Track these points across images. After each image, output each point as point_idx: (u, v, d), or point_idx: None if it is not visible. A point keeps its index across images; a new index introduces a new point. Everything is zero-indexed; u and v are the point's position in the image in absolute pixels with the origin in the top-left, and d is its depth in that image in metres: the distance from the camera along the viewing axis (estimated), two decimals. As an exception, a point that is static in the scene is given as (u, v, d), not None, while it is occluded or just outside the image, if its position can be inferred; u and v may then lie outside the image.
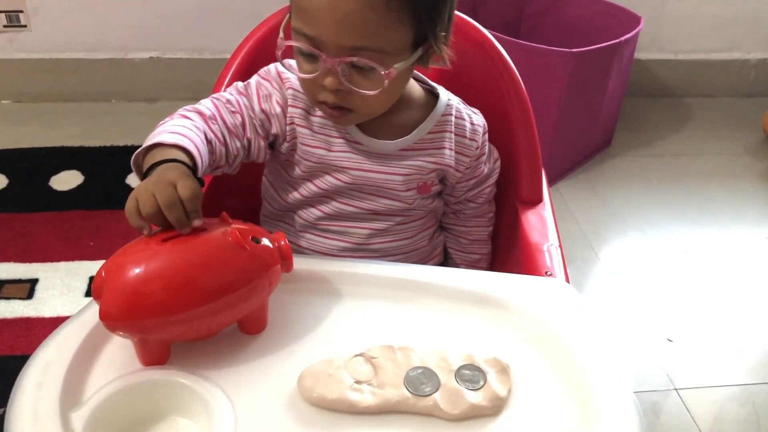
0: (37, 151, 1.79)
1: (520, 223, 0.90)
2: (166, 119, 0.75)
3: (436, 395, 0.61)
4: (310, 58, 0.74)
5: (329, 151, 0.83)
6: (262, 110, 0.82)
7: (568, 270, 1.58)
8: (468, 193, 0.93)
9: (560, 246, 0.87)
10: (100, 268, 0.60)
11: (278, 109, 0.82)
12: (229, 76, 0.96)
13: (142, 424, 0.59)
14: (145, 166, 0.69)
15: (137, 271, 0.59)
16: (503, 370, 0.64)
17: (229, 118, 0.79)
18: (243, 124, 0.80)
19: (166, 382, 0.60)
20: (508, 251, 0.96)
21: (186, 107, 0.78)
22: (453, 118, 0.87)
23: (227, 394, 0.60)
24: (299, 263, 0.68)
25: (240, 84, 0.83)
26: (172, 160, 0.67)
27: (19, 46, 1.93)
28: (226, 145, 0.78)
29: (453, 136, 0.87)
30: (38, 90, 1.98)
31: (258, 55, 0.97)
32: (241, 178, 1.00)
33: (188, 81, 2.01)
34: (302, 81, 0.78)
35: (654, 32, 2.15)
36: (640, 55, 2.14)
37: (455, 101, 0.89)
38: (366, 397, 0.60)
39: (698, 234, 1.73)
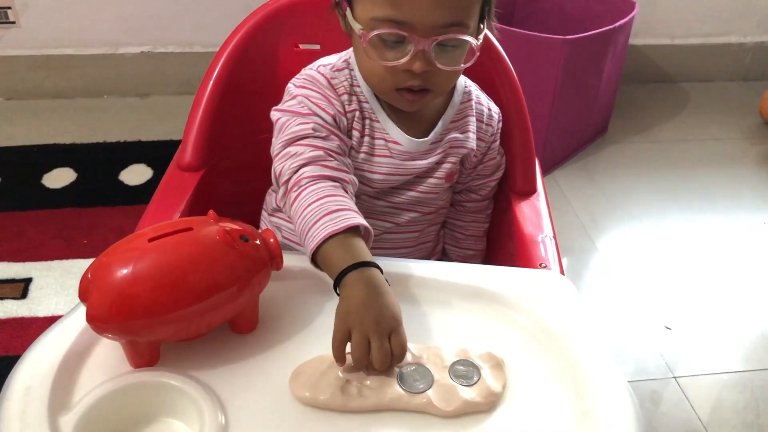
0: (29, 149, 1.78)
1: (514, 215, 0.89)
2: (299, 196, 0.72)
3: (429, 392, 0.60)
4: (396, 45, 0.74)
5: (371, 155, 0.83)
6: (333, 117, 0.80)
7: (565, 258, 1.58)
8: (473, 183, 0.93)
9: (555, 237, 0.86)
10: (87, 270, 0.60)
11: (343, 119, 0.81)
12: (217, 68, 0.95)
13: (132, 426, 0.58)
14: (334, 260, 0.66)
15: (124, 271, 0.58)
16: (497, 365, 0.63)
17: (330, 145, 0.77)
18: (338, 138, 0.79)
19: (156, 383, 0.59)
20: (502, 243, 0.96)
21: (298, 164, 0.75)
22: (473, 104, 0.88)
23: (218, 394, 0.59)
24: (289, 261, 0.67)
25: (294, 106, 0.80)
26: (366, 264, 0.65)
27: (8, 42, 1.92)
28: (350, 167, 0.78)
29: (474, 120, 0.88)
30: (29, 87, 1.97)
31: (246, 47, 0.96)
32: (243, 162, 1.00)
33: (180, 75, 2.00)
34: (383, 71, 0.76)
35: (649, 17, 2.13)
36: (636, 40, 2.13)
37: (473, 86, 0.90)
38: (358, 396, 0.59)
39: (696, 220, 1.72)
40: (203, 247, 0.60)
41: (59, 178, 1.68)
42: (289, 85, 0.83)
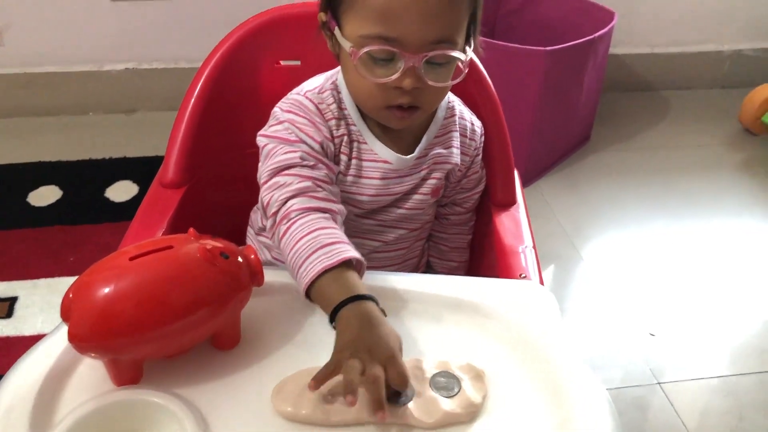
0: (14, 167, 1.78)
1: (494, 226, 0.90)
2: (288, 230, 0.72)
3: (410, 404, 0.60)
4: (386, 62, 0.74)
5: (359, 177, 0.83)
6: (320, 143, 0.80)
7: (550, 267, 1.59)
8: (457, 196, 0.94)
9: (534, 247, 0.87)
10: (68, 289, 0.60)
11: (331, 145, 0.81)
12: (199, 85, 0.96)
13: (115, 444, 0.59)
14: (329, 295, 0.66)
15: (105, 290, 0.58)
16: (478, 376, 0.64)
17: (317, 174, 0.77)
18: (326, 166, 0.79)
19: (139, 401, 0.60)
20: (483, 254, 0.97)
21: (285, 196, 0.74)
22: (457, 119, 0.89)
23: (201, 410, 0.60)
24: (270, 276, 0.68)
25: (281, 132, 0.79)
26: (361, 298, 0.65)
27: (-7, 61, 1.92)
28: (338, 195, 0.79)
29: (458, 135, 0.88)
30: (13, 105, 1.97)
31: (228, 62, 0.97)
32: (229, 175, 1.00)
33: (165, 91, 2.00)
34: (373, 88, 0.76)
35: (628, 27, 2.16)
36: (616, 50, 2.15)
37: (456, 102, 0.90)
38: (340, 410, 0.60)
39: (679, 226, 1.74)
40: (184, 264, 0.61)
41: (45, 195, 1.68)
42: (276, 108, 0.83)
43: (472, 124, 0.91)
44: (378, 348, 0.61)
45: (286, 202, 0.74)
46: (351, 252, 0.69)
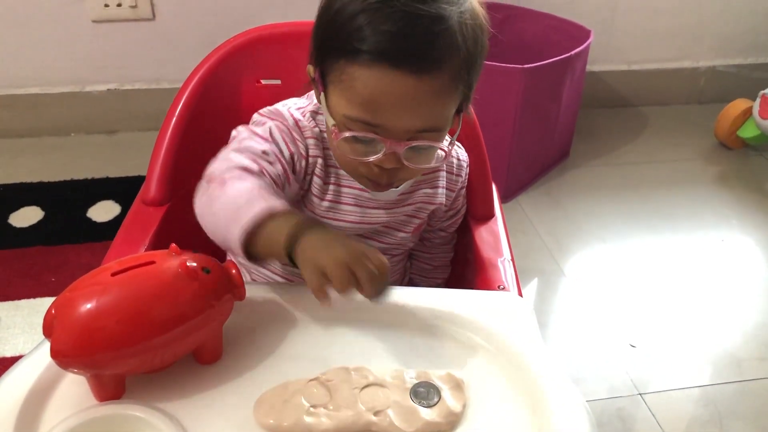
0: (-5, 188, 1.77)
1: (473, 239, 0.91)
2: (225, 186, 0.70)
3: (391, 413, 0.61)
4: (368, 142, 0.73)
5: (337, 203, 0.83)
6: (291, 155, 0.79)
7: (532, 281, 1.61)
8: (443, 223, 0.95)
9: (513, 260, 0.88)
10: (51, 305, 0.61)
11: (303, 163, 0.80)
12: (180, 104, 0.97)
13: (98, 459, 0.59)
14: (271, 233, 0.65)
15: (88, 306, 0.59)
16: (457, 386, 0.65)
17: (272, 170, 0.75)
18: (284, 172, 0.77)
19: (121, 416, 0.60)
20: (461, 267, 0.98)
21: (229, 166, 0.72)
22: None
23: (184, 424, 0.60)
24: (251, 291, 0.69)
25: (259, 130, 0.79)
26: (314, 222, 0.65)
27: (-26, 83, 1.92)
28: (280, 196, 0.75)
29: (445, 174, 0.89)
30: (-5, 126, 1.97)
31: (209, 82, 0.98)
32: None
33: (147, 111, 2.01)
34: (351, 159, 0.76)
35: (605, 44, 2.20)
36: (594, 67, 2.19)
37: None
38: (322, 421, 0.61)
39: (657, 240, 1.77)
40: (166, 279, 0.61)
41: (26, 216, 1.68)
42: (256, 114, 0.82)
43: (459, 159, 0.91)
44: (351, 245, 0.61)
45: (226, 171, 0.71)
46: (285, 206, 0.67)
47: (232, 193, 0.69)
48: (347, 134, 0.73)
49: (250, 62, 1.01)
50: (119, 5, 1.88)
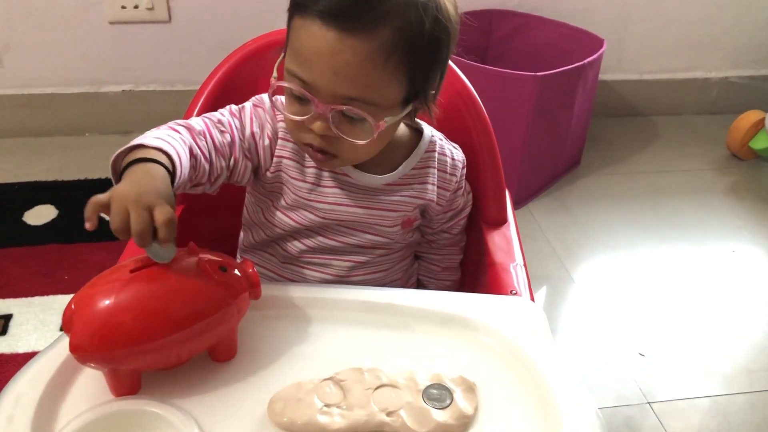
0: (11, 187, 1.79)
1: (486, 244, 0.92)
2: (153, 129, 0.75)
3: (403, 414, 0.62)
4: (301, 100, 0.75)
5: (317, 185, 0.84)
6: (252, 135, 0.81)
7: (542, 288, 1.61)
8: (445, 224, 0.95)
9: (525, 265, 0.89)
10: (70, 301, 0.62)
11: (267, 141, 0.82)
12: (198, 107, 0.98)
13: (114, 454, 0.60)
14: (124, 164, 0.68)
15: (107, 302, 0.60)
16: (470, 389, 0.66)
17: (218, 137, 0.78)
18: (231, 144, 0.80)
19: (137, 411, 0.61)
20: (474, 271, 0.98)
21: (177, 121, 0.77)
22: (436, 155, 0.89)
23: (199, 421, 0.61)
24: (267, 290, 0.69)
25: (234, 107, 0.83)
26: (153, 161, 0.67)
27: (-9, 82, 1.94)
28: (210, 162, 0.77)
29: (436, 171, 0.89)
30: (11, 125, 1.99)
31: (226, 85, 0.99)
32: (218, 199, 1.02)
33: (162, 113, 2.01)
34: (289, 121, 0.78)
35: (618, 54, 2.20)
36: (606, 76, 2.20)
37: (438, 137, 0.91)
38: (335, 420, 0.61)
39: (667, 249, 1.76)
40: (183, 277, 0.62)
41: (41, 214, 1.69)
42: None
43: (453, 159, 0.91)
44: (147, 194, 0.62)
45: (171, 121, 0.76)
46: (174, 154, 0.69)
47: (148, 132, 0.73)
48: (278, 83, 0.76)
49: (266, 66, 1.02)
50: (136, 7, 1.89)
